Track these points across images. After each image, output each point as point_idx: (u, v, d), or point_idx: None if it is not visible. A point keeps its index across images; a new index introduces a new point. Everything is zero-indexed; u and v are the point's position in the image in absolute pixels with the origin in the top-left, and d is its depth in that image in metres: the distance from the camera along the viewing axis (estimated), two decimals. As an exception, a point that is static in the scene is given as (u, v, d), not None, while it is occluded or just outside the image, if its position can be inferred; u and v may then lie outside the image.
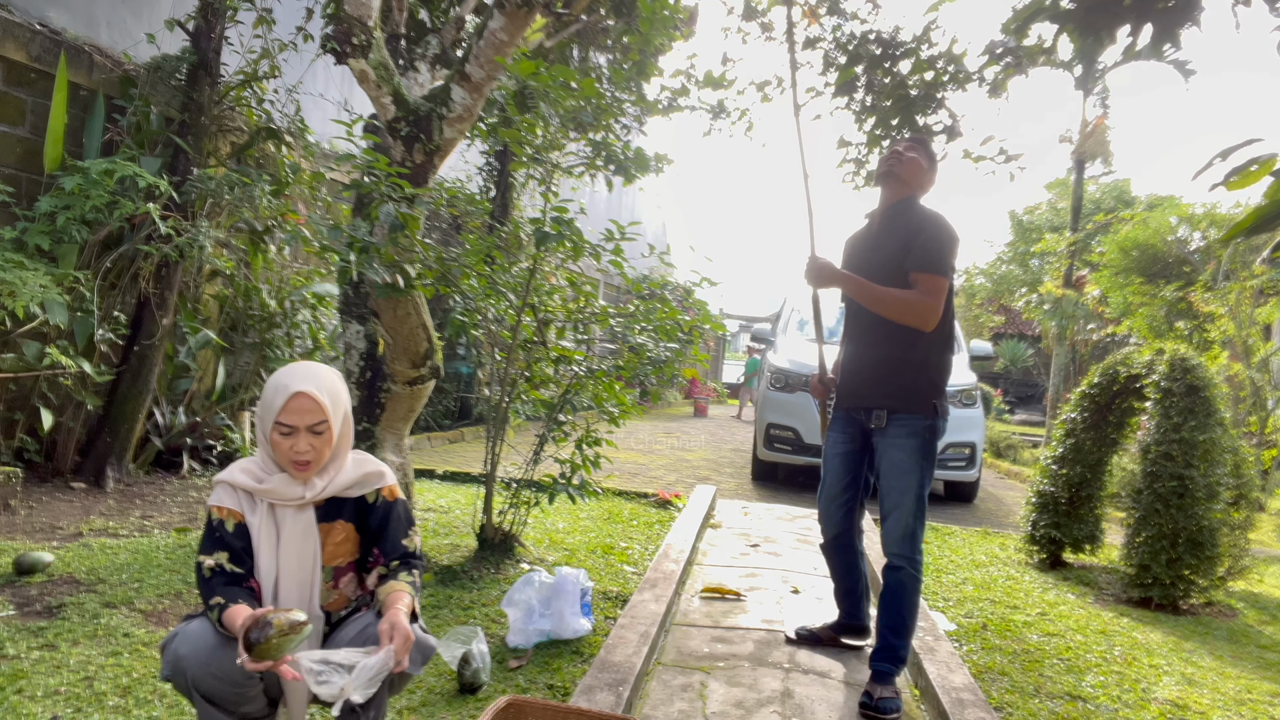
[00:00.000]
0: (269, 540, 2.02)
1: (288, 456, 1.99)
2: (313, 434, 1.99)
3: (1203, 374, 4.68)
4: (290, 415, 1.96)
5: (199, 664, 1.85)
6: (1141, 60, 9.34)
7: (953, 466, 7.85)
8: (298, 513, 2.05)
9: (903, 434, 3.10)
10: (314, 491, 2.04)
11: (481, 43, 4.19)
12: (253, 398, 6.18)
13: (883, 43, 6.99)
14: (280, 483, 2.03)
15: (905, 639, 3.11)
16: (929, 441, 3.11)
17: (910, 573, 3.10)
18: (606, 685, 2.78)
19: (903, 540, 3.10)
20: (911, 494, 3.09)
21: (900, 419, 3.11)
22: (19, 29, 5.10)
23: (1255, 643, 4.12)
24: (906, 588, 3.10)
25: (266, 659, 1.71)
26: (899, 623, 3.09)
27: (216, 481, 2.07)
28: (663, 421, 14.83)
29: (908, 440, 3.10)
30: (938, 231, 3.07)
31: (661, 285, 4.60)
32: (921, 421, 3.09)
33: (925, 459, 3.11)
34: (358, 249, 3.82)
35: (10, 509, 4.46)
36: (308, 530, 2.05)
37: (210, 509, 2.04)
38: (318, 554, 2.06)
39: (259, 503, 2.04)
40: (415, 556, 2.12)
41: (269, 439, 2.01)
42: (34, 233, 4.86)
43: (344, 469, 2.10)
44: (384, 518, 2.12)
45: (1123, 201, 22.58)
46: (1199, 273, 10.86)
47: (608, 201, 14.81)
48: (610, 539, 5.08)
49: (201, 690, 1.87)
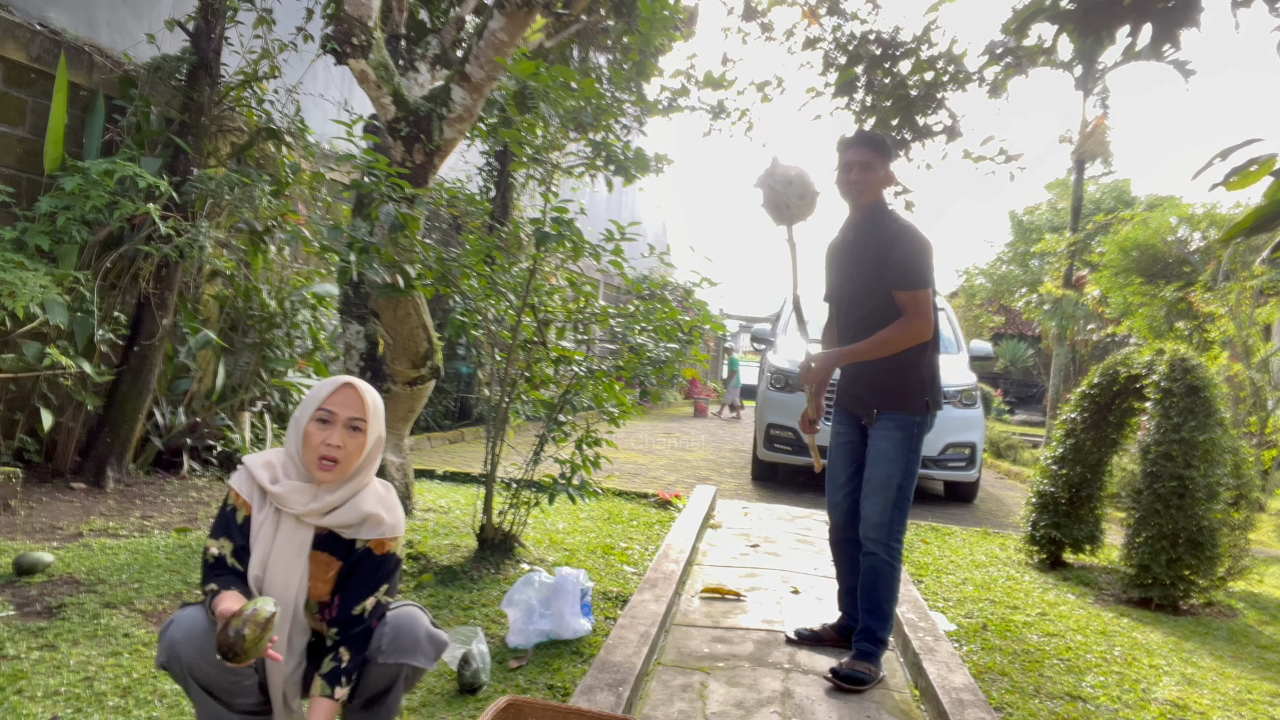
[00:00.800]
0: (263, 545, 1.98)
1: (316, 451, 1.95)
2: (349, 430, 1.97)
3: (1203, 374, 4.68)
4: (333, 403, 1.98)
5: (194, 650, 1.83)
6: (1141, 60, 9.34)
7: (953, 467, 7.85)
8: (296, 527, 1.98)
9: (891, 425, 3.28)
10: (319, 505, 1.97)
11: (481, 43, 4.19)
12: (253, 398, 6.18)
13: (883, 43, 7.00)
14: (293, 489, 1.97)
15: (883, 621, 3.26)
16: (915, 436, 3.27)
17: (884, 559, 3.25)
18: (606, 685, 2.78)
19: (879, 526, 3.24)
20: (893, 482, 3.23)
21: (893, 416, 3.29)
22: (19, 29, 5.10)
23: (1255, 643, 4.12)
24: (880, 573, 3.26)
25: (244, 661, 1.71)
26: (875, 606, 3.26)
27: (242, 463, 2.03)
28: (663, 421, 14.84)
29: (894, 432, 3.27)
30: (910, 246, 3.22)
31: (661, 285, 4.60)
32: (911, 418, 3.27)
33: (911, 451, 3.26)
34: (358, 249, 3.83)
35: (10, 509, 4.46)
36: (300, 550, 1.98)
37: (229, 489, 2.02)
38: (304, 576, 1.98)
39: (267, 503, 2.01)
40: (361, 622, 1.99)
41: (303, 432, 1.97)
42: (34, 233, 4.86)
43: (361, 495, 2.02)
44: (354, 565, 2.02)
45: (1123, 202, 22.59)
46: (1199, 273, 10.86)
47: (608, 201, 14.81)
48: (610, 539, 5.08)
49: (197, 677, 1.85)
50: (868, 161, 3.29)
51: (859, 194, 3.31)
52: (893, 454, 3.24)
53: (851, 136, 3.44)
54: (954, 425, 7.74)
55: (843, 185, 3.36)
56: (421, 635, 1.98)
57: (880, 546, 3.24)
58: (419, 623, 2.01)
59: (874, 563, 3.26)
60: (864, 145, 3.34)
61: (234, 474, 2.03)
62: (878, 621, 3.26)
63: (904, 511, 3.28)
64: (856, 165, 3.30)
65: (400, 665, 1.96)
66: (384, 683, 1.99)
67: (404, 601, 2.11)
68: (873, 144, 3.35)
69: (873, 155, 3.30)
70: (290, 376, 6.43)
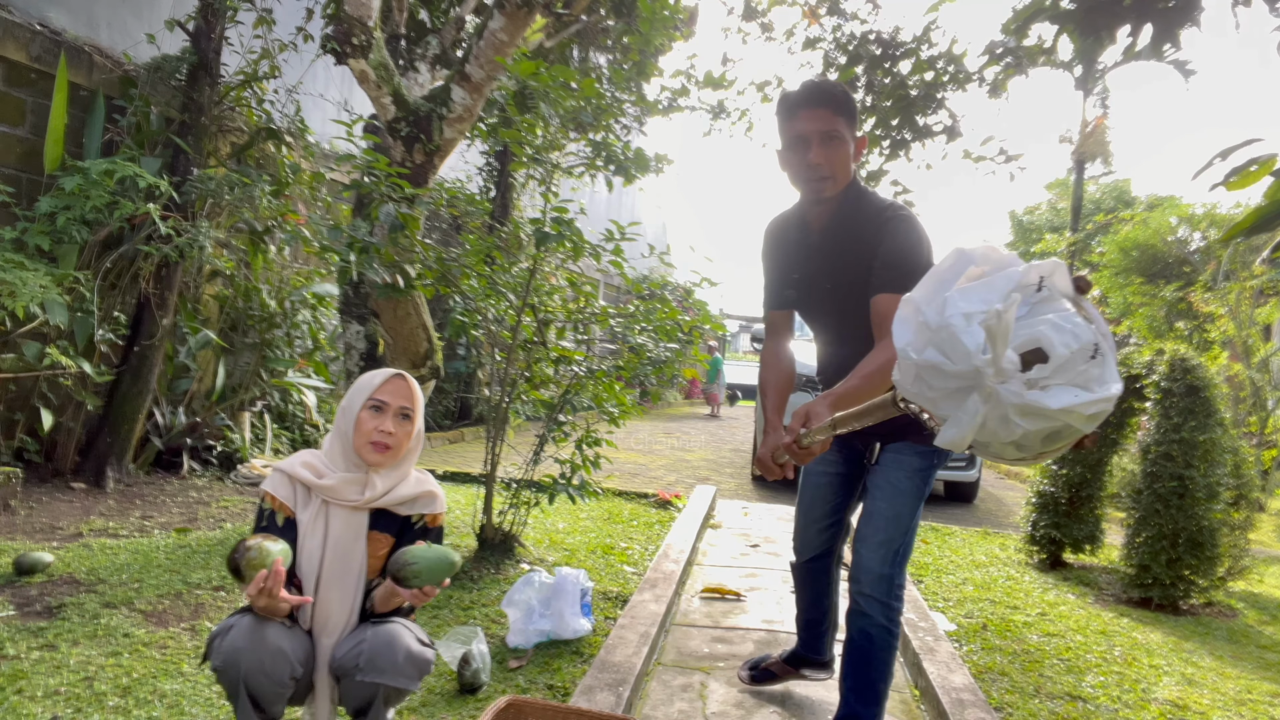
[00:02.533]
0: (316, 538, 2.03)
1: (368, 437, 2.04)
2: (399, 417, 2.08)
3: (1203, 374, 4.68)
4: (386, 392, 2.08)
5: (254, 661, 1.86)
6: (1141, 60, 9.35)
7: (953, 466, 7.85)
8: (351, 514, 2.06)
9: (908, 453, 2.47)
10: (373, 492, 2.06)
11: (481, 43, 4.19)
12: (253, 398, 6.18)
13: (883, 43, 7.00)
14: (341, 480, 2.05)
15: (874, 707, 2.44)
16: (933, 469, 2.50)
17: (882, 624, 2.41)
18: (606, 685, 2.78)
19: (879, 581, 2.41)
20: (902, 523, 2.43)
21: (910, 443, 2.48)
22: (19, 29, 5.10)
23: (1255, 643, 4.12)
24: (876, 644, 2.42)
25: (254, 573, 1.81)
26: (867, 688, 2.44)
27: (275, 469, 2.08)
28: (663, 421, 14.84)
29: (912, 459, 2.46)
30: (906, 238, 2.30)
31: (661, 285, 4.60)
32: (932, 450, 2.47)
33: (925, 486, 2.49)
34: (358, 249, 3.83)
35: (10, 509, 4.46)
36: (358, 533, 2.07)
37: (263, 495, 2.06)
38: (364, 560, 2.07)
39: (313, 499, 2.05)
40: None
41: (355, 419, 2.06)
42: (34, 233, 4.86)
43: (406, 481, 2.13)
44: (417, 539, 2.12)
45: (1123, 201, 22.59)
46: (1199, 273, 10.86)
47: (608, 201, 14.81)
48: (610, 539, 5.08)
49: (250, 686, 1.88)
50: (830, 131, 2.28)
51: (830, 185, 2.34)
52: (907, 487, 2.43)
53: (798, 91, 2.33)
54: None
55: (800, 176, 2.36)
56: (400, 656, 1.96)
57: (878, 607, 2.41)
58: (399, 642, 1.98)
59: (868, 627, 2.41)
60: (821, 104, 2.28)
61: (266, 480, 2.08)
62: (867, 707, 2.43)
63: (905, 564, 2.48)
64: (816, 139, 2.29)
65: (377, 685, 1.96)
66: (362, 701, 2.00)
67: (394, 617, 2.09)
68: (832, 101, 2.29)
69: (833, 117, 2.28)
70: (290, 376, 6.43)
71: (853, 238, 2.38)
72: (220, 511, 4.94)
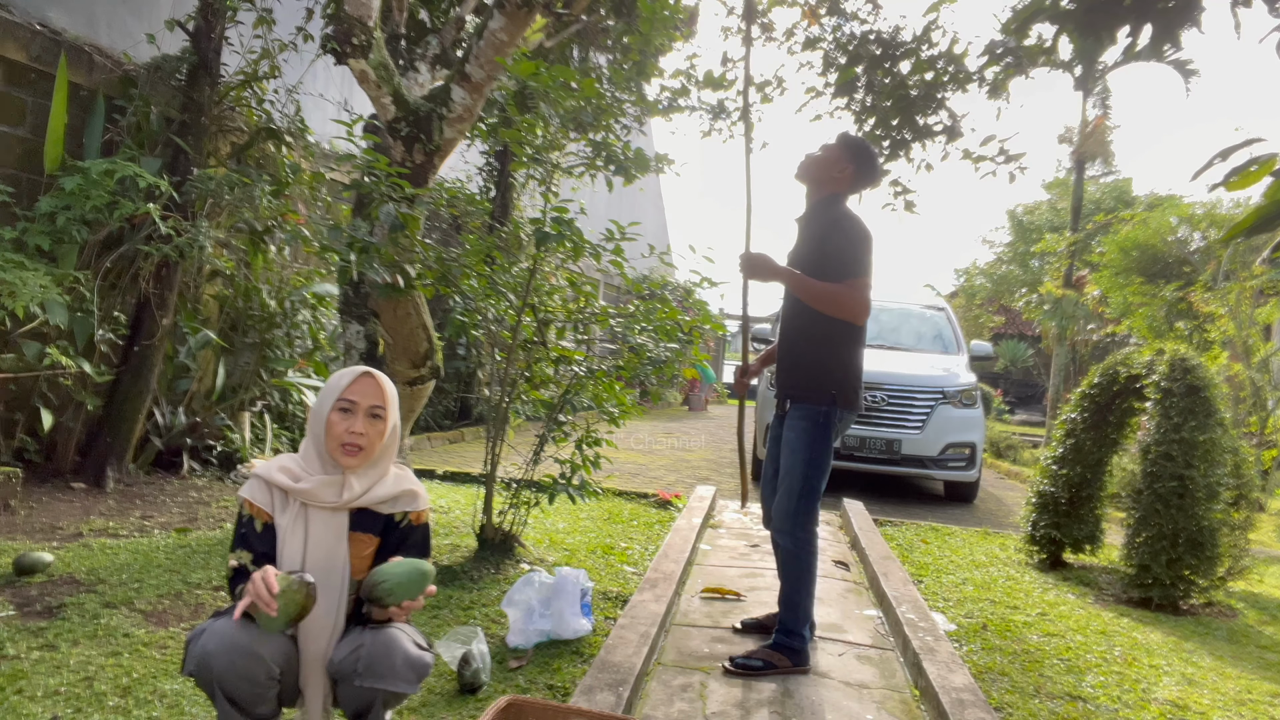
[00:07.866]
0: (296, 542, 2.02)
1: (339, 440, 2.02)
2: (370, 418, 2.05)
3: (1203, 374, 4.68)
4: (354, 393, 2.05)
5: (226, 663, 1.86)
6: (1142, 61, 9.34)
7: (953, 467, 7.85)
8: (330, 516, 2.05)
9: (797, 415, 3.30)
10: (351, 494, 2.04)
11: (481, 43, 4.19)
12: (253, 398, 6.18)
13: (883, 43, 6.99)
14: (318, 483, 2.03)
15: (791, 612, 3.29)
16: (821, 426, 3.26)
17: (790, 548, 3.29)
18: (606, 685, 2.78)
19: (784, 516, 3.28)
20: (797, 472, 3.25)
21: (800, 405, 3.31)
22: (19, 29, 5.10)
23: (1255, 643, 4.12)
24: (787, 563, 3.32)
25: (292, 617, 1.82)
26: (785, 597, 3.33)
27: (253, 474, 2.07)
28: (663, 421, 14.83)
29: (799, 421, 3.29)
30: (846, 236, 3.22)
31: (661, 285, 4.60)
32: (816, 409, 3.26)
33: (816, 440, 3.25)
34: (358, 249, 3.83)
35: (10, 509, 4.46)
36: (339, 535, 2.05)
37: (241, 501, 2.05)
38: (346, 561, 2.05)
39: (291, 503, 2.03)
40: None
41: (325, 421, 2.04)
42: (34, 233, 4.86)
43: (384, 480, 2.11)
44: (402, 539, 2.12)
45: (1123, 201, 22.59)
46: (1199, 273, 10.86)
47: (608, 201, 14.78)
48: (610, 539, 5.08)
49: (225, 689, 1.87)
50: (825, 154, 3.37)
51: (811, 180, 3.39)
52: (797, 444, 3.26)
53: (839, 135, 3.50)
54: (954, 425, 7.73)
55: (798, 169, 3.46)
56: (398, 660, 1.96)
57: (786, 536, 3.29)
58: (397, 646, 1.97)
59: (781, 551, 3.35)
60: (842, 142, 3.41)
61: (243, 487, 2.07)
62: (788, 612, 3.30)
63: (811, 501, 3.28)
64: (818, 150, 3.41)
65: (375, 690, 1.96)
66: (360, 705, 2.00)
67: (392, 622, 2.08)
68: (848, 143, 3.41)
69: (840, 150, 3.37)
70: (290, 376, 6.43)
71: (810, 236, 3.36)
72: (220, 511, 4.94)
